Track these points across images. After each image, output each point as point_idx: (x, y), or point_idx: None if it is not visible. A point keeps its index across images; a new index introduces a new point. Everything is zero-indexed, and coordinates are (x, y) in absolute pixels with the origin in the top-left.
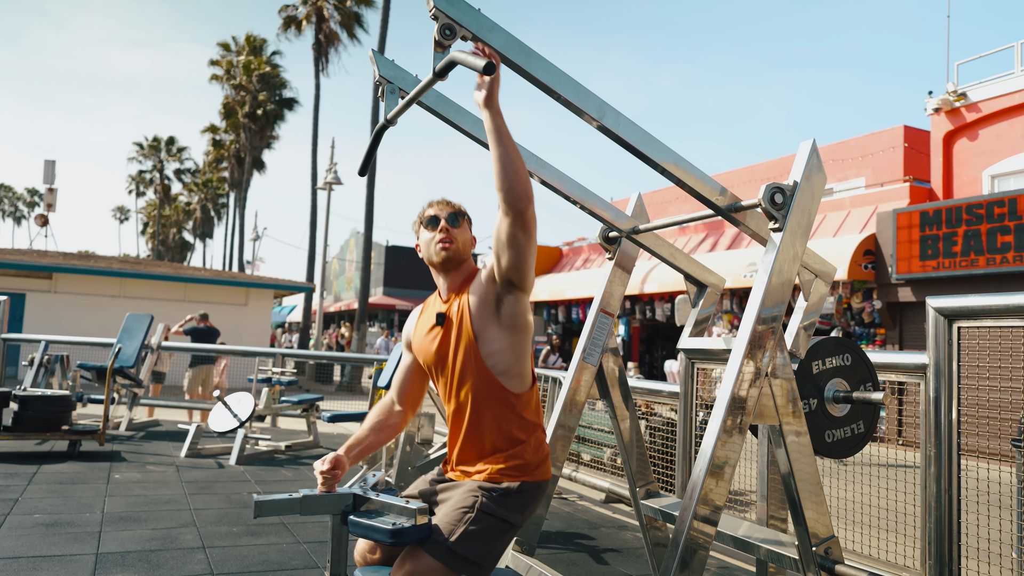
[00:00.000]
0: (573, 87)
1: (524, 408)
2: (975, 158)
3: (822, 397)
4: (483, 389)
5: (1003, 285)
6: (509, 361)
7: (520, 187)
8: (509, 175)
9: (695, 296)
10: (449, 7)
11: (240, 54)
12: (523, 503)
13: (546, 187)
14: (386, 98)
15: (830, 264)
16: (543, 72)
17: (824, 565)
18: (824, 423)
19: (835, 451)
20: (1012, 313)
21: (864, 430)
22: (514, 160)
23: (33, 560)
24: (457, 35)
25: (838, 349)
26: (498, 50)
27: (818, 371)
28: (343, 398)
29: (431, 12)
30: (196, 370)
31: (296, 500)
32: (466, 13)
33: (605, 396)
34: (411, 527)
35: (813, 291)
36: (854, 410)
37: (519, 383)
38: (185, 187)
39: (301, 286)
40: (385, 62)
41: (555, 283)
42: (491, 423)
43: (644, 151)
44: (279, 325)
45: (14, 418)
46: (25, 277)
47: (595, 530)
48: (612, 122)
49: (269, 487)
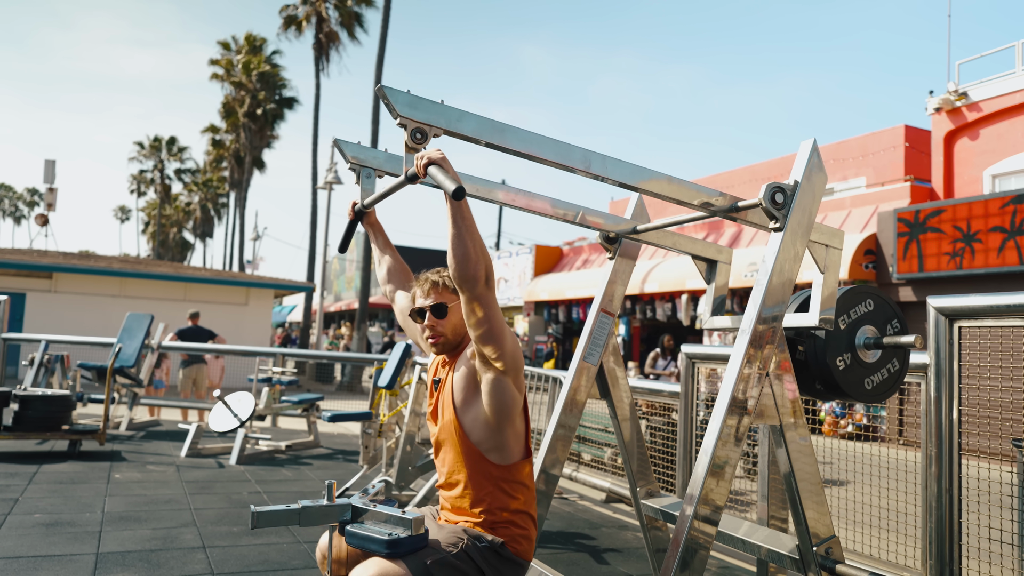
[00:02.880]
0: (553, 147)
1: (507, 482)
2: (976, 157)
3: (854, 349)
4: (466, 458)
5: (1004, 285)
6: (487, 435)
7: (469, 270)
8: (459, 257)
9: (707, 273)
10: (413, 111)
11: (240, 53)
12: (502, 570)
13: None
14: (362, 182)
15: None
16: (521, 143)
17: (825, 565)
18: (861, 373)
19: (876, 396)
20: (1013, 313)
21: (900, 367)
22: (466, 243)
23: (33, 560)
24: (429, 136)
25: (858, 298)
26: (472, 136)
27: (845, 325)
28: (343, 398)
29: (397, 121)
30: (188, 370)
31: (295, 511)
32: (432, 112)
33: (606, 396)
34: (407, 537)
35: (828, 260)
36: (886, 351)
37: (502, 456)
38: (185, 187)
39: (301, 286)
40: (351, 147)
41: (555, 283)
42: (473, 492)
43: (635, 184)
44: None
45: (14, 418)
46: (25, 277)
47: (596, 530)
48: (599, 167)
49: (269, 487)
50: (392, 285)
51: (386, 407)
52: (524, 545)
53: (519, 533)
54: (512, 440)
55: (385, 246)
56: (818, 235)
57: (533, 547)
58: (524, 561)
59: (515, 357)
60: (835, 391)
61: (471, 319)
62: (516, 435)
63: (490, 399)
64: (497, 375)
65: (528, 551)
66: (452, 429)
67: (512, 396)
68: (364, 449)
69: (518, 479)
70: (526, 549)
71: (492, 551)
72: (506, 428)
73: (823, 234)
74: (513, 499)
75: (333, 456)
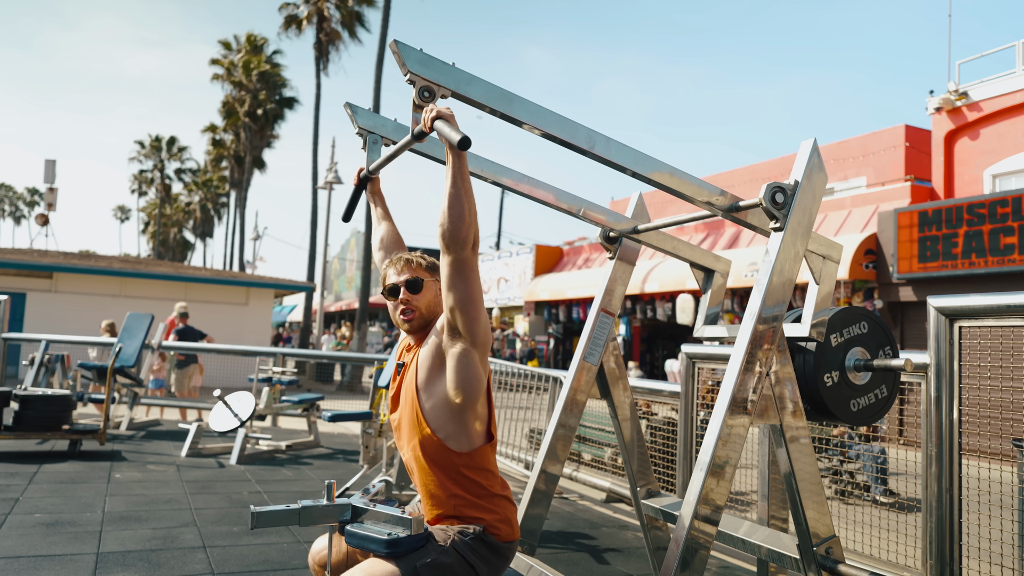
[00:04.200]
0: (559, 122)
1: (472, 469)
2: (976, 157)
3: (843, 368)
4: (426, 447)
5: (1004, 284)
6: (446, 419)
7: (461, 230)
8: (453, 216)
9: (703, 282)
10: (424, 69)
11: (241, 53)
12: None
13: (536, 201)
14: (369, 148)
15: (835, 243)
16: (527, 114)
17: (825, 565)
18: (848, 393)
19: (861, 419)
20: (1014, 312)
21: (888, 394)
22: (462, 203)
23: (34, 559)
24: (436, 95)
25: (853, 318)
26: (480, 100)
27: (837, 343)
28: (343, 398)
29: (407, 77)
30: (183, 370)
31: (295, 511)
32: (441, 72)
33: (606, 396)
34: (406, 537)
35: (824, 272)
36: (876, 376)
37: (462, 442)
38: (186, 187)
39: (302, 285)
40: (363, 113)
41: (556, 282)
42: (437, 481)
43: (638, 171)
44: (279, 325)
45: (15, 417)
46: (26, 276)
47: (596, 530)
48: (603, 148)
49: (270, 487)
50: (383, 252)
51: (386, 407)
52: (504, 529)
53: (495, 518)
54: (474, 425)
55: (384, 216)
56: (816, 246)
57: (516, 527)
58: (509, 543)
59: (486, 332)
60: (820, 409)
61: (451, 281)
62: (478, 419)
63: (455, 374)
64: (466, 347)
65: (510, 533)
66: (412, 413)
67: (478, 373)
68: (364, 449)
69: (482, 465)
70: (508, 532)
71: (478, 540)
72: (468, 410)
73: (822, 245)
74: (480, 486)
75: (333, 456)
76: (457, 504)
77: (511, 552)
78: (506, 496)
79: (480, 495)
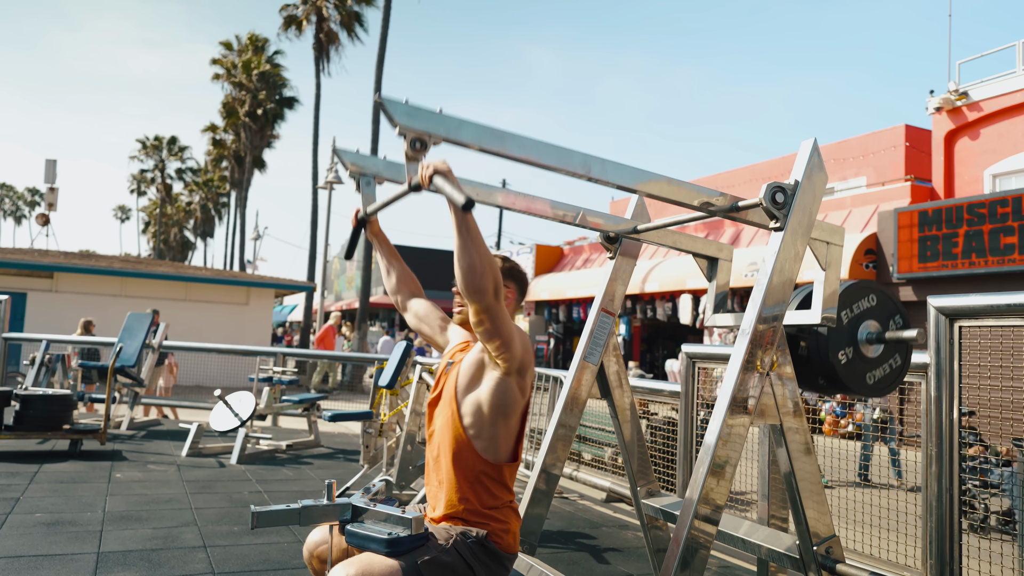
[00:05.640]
0: (553, 153)
1: (491, 480)
2: (976, 157)
3: (856, 343)
4: (455, 446)
5: (1005, 284)
6: (479, 423)
7: (475, 281)
8: (464, 268)
9: (708, 270)
10: (413, 121)
11: (243, 53)
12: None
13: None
14: (363, 190)
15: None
16: (521, 149)
17: (825, 564)
18: (863, 367)
19: (878, 390)
20: (1014, 312)
21: (902, 363)
22: (471, 255)
23: (34, 559)
24: (429, 145)
25: (861, 293)
26: (472, 143)
27: (848, 319)
28: (344, 398)
29: (397, 131)
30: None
31: (295, 511)
32: (431, 121)
33: (606, 396)
34: (407, 537)
35: (830, 257)
36: (889, 346)
37: (489, 451)
38: (186, 186)
39: (302, 285)
40: (350, 155)
41: (556, 282)
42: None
43: (635, 186)
44: (280, 325)
45: (15, 417)
46: (26, 276)
47: (596, 529)
48: (599, 171)
49: (270, 486)
50: (402, 295)
51: (387, 406)
52: (506, 539)
53: (500, 528)
54: (503, 438)
55: (391, 256)
56: (819, 232)
57: (517, 541)
58: (510, 555)
59: (523, 362)
60: (837, 385)
61: (479, 329)
62: (508, 434)
63: (490, 395)
64: (502, 376)
65: (512, 545)
66: (450, 412)
67: (513, 397)
68: (365, 448)
69: (501, 479)
70: (509, 543)
71: (479, 544)
72: (499, 424)
73: (824, 231)
74: (494, 497)
75: (334, 455)
76: (467, 508)
77: (510, 563)
78: (514, 510)
79: (490, 506)
